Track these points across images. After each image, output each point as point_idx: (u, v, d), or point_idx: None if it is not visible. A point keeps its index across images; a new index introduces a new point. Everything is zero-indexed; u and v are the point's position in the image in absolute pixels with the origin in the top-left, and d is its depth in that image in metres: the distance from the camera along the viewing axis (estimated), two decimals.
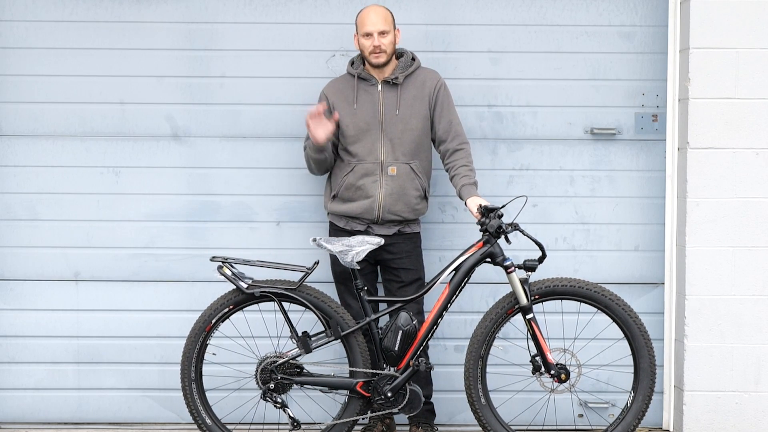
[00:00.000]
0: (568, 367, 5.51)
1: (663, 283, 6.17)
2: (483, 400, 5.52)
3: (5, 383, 6.18)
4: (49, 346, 6.17)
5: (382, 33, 5.66)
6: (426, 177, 5.80)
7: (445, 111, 5.76)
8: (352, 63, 5.84)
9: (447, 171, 5.74)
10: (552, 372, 5.50)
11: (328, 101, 5.78)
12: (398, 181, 5.72)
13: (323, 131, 5.60)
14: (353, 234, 5.72)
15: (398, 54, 5.82)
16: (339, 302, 5.77)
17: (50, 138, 6.13)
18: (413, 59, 5.82)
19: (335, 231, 5.84)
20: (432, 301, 5.69)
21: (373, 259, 5.75)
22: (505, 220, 5.52)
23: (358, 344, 5.50)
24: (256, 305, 5.57)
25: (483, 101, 6.14)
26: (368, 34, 5.68)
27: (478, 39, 6.13)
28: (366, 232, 5.74)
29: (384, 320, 5.63)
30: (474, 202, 5.53)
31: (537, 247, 5.46)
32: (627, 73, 6.14)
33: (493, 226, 5.42)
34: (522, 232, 5.44)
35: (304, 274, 5.48)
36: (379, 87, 5.76)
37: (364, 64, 5.80)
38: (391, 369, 5.50)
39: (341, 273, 5.78)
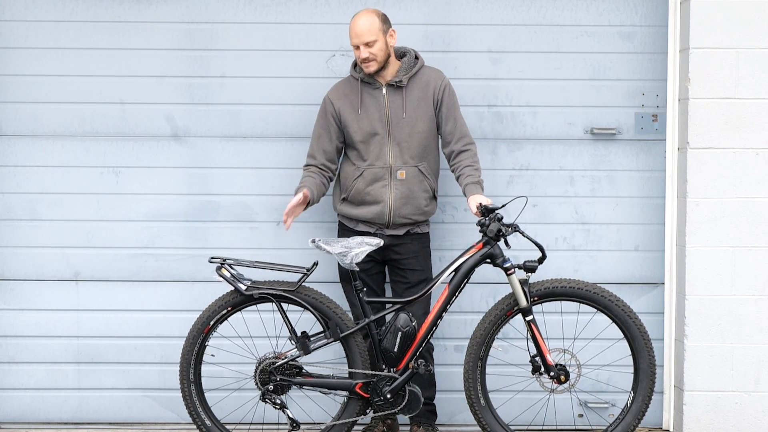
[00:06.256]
0: (567, 368, 5.51)
1: (663, 283, 6.17)
2: (482, 401, 5.52)
3: (5, 383, 6.18)
4: (49, 346, 6.18)
5: (367, 44, 5.59)
6: (434, 177, 5.77)
7: (450, 113, 5.71)
8: (354, 65, 5.78)
9: (453, 172, 5.71)
10: (552, 373, 5.49)
11: (333, 107, 5.72)
12: (407, 184, 5.68)
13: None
14: (362, 234, 5.71)
15: (401, 54, 5.75)
16: (341, 302, 5.77)
17: (50, 138, 6.13)
18: (417, 58, 5.75)
19: (344, 231, 5.81)
20: (432, 302, 5.69)
21: (380, 258, 5.75)
22: (505, 220, 5.52)
23: (357, 345, 5.50)
24: (254, 306, 5.57)
25: (483, 101, 6.14)
26: (355, 47, 5.63)
27: (478, 39, 6.13)
28: (375, 235, 5.71)
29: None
30: (474, 201, 5.53)
31: (537, 248, 5.46)
32: (627, 73, 6.14)
33: (492, 230, 5.41)
34: (522, 233, 5.44)
35: (302, 275, 5.48)
36: (384, 90, 5.69)
37: None
38: (391, 370, 5.50)
39: (346, 272, 5.76)
